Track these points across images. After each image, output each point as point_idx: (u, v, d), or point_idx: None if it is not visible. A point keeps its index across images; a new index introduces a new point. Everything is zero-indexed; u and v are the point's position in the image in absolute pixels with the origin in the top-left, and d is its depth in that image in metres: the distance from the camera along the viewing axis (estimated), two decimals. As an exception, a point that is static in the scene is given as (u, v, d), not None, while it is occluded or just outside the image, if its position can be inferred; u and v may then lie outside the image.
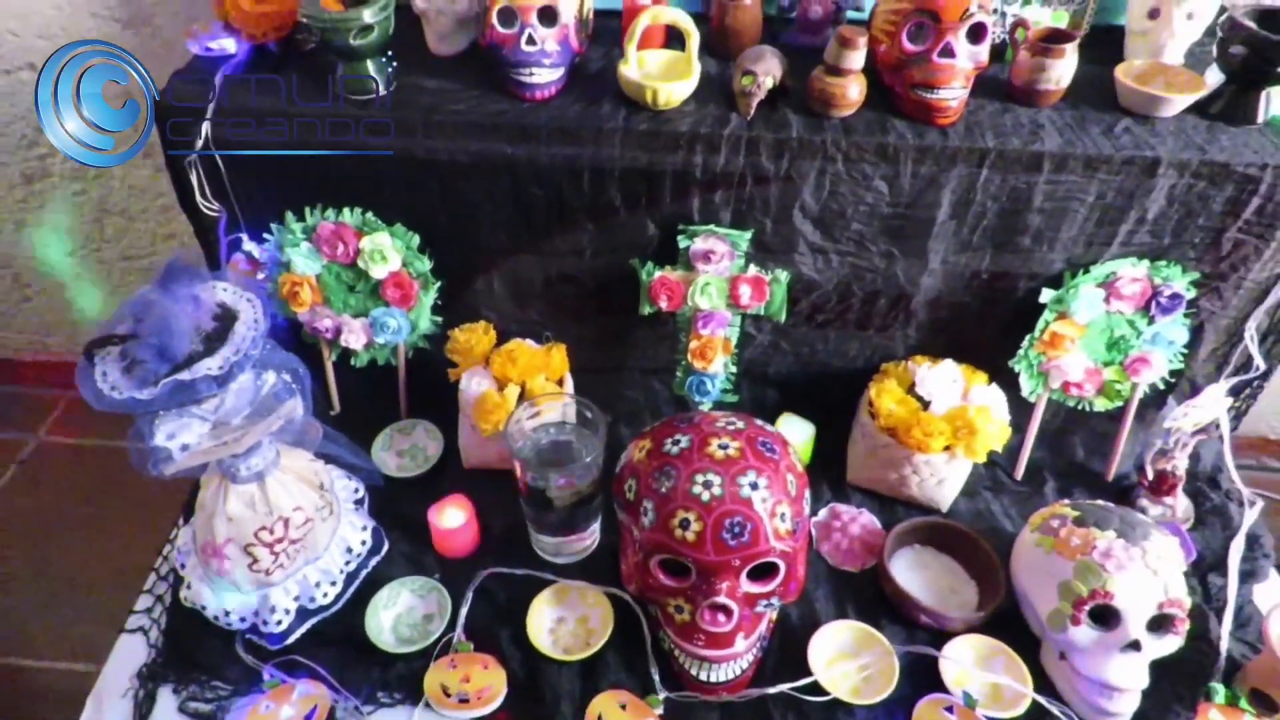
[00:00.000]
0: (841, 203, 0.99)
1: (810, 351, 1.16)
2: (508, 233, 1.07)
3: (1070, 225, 0.99)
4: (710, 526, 0.84)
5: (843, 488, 1.15)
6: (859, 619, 0.99)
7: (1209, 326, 1.07)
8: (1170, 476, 1.07)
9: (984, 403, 1.05)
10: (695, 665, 0.90)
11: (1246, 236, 0.99)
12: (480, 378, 1.09)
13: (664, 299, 1.06)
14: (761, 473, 0.87)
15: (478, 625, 0.97)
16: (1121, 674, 0.88)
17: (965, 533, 1.04)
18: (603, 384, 1.20)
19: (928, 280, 1.06)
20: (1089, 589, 0.88)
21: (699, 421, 0.93)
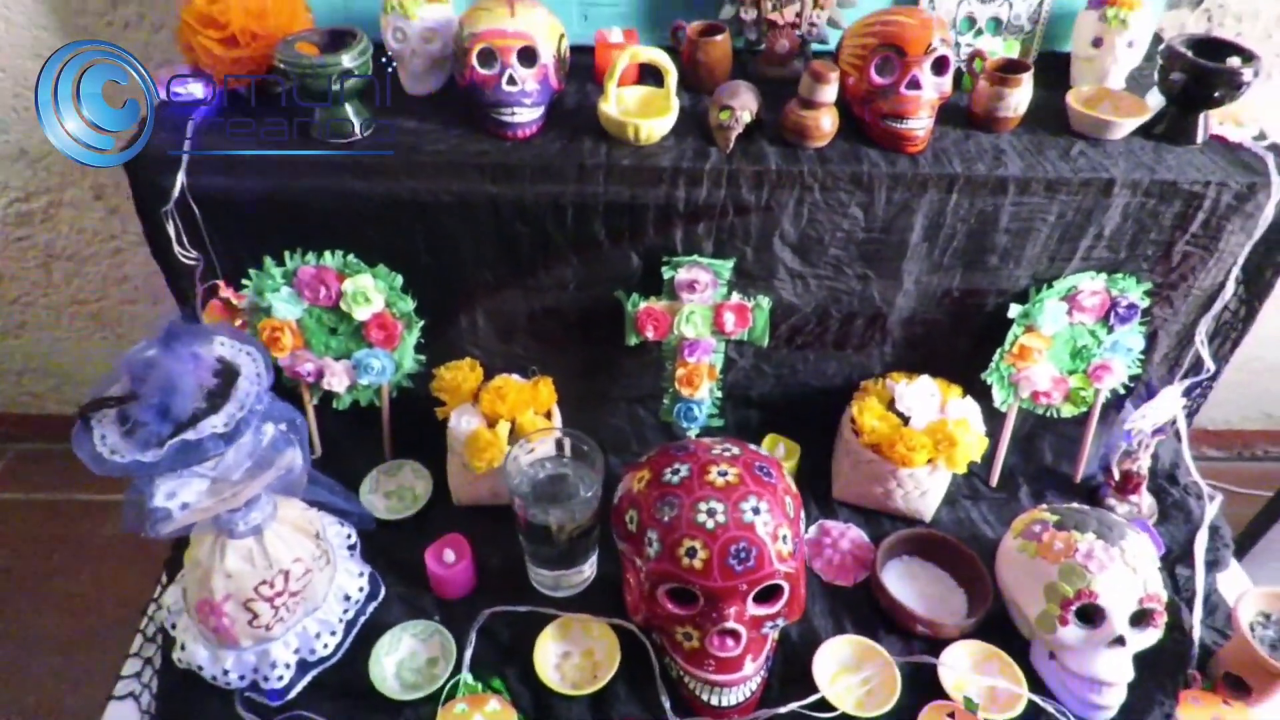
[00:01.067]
0: (819, 230, 1.03)
1: (791, 373, 1.19)
2: (491, 270, 1.07)
3: (1034, 243, 1.05)
4: (716, 554, 0.86)
5: (829, 504, 1.18)
6: (856, 632, 1.01)
7: (1162, 333, 1.14)
8: (1135, 475, 1.13)
9: (961, 415, 1.09)
10: (705, 690, 0.92)
11: (1193, 248, 1.06)
12: (469, 415, 1.09)
13: (650, 329, 1.07)
14: (761, 497, 0.89)
15: (484, 665, 0.97)
16: (1109, 669, 0.92)
17: (951, 542, 1.08)
18: (588, 414, 1.21)
19: (902, 300, 1.10)
20: (1074, 590, 0.93)
21: (695, 450, 0.95)
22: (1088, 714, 0.94)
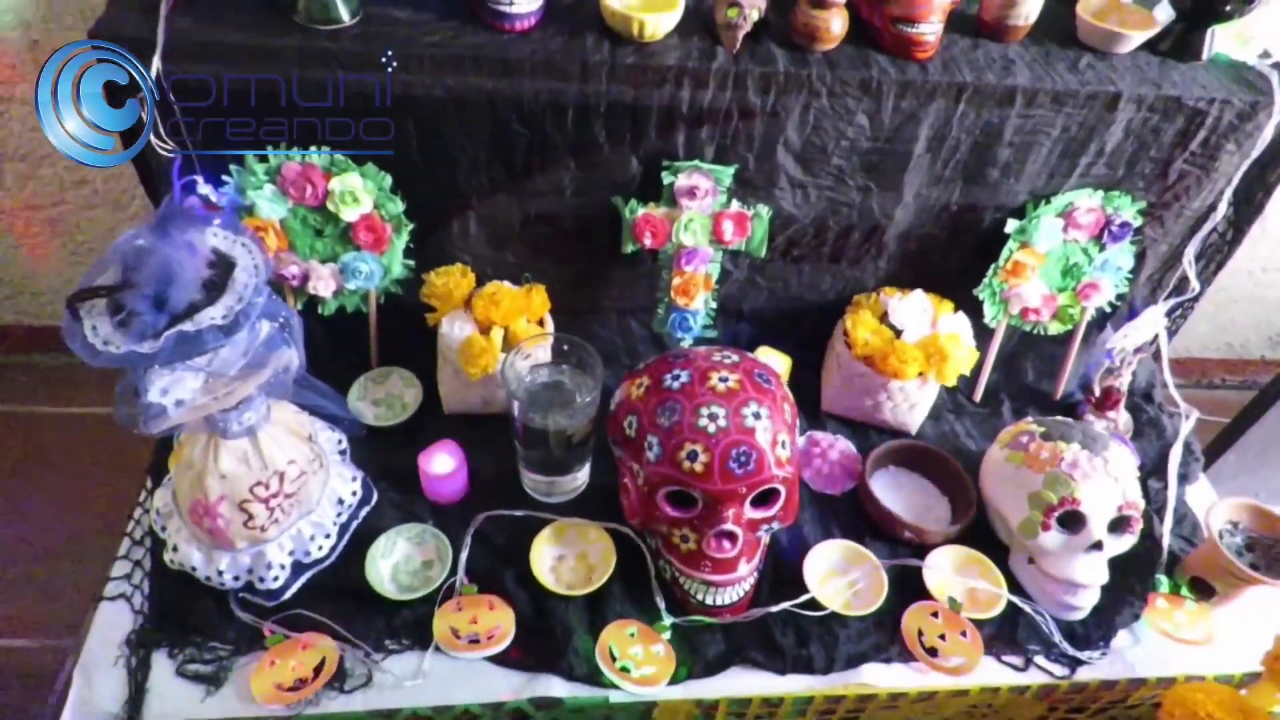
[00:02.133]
0: (824, 138, 1.01)
1: (784, 286, 1.18)
2: (486, 172, 1.04)
3: (1036, 158, 1.04)
4: (718, 457, 0.87)
5: (818, 416, 1.19)
6: (844, 538, 1.04)
7: (1150, 253, 1.16)
8: (1116, 392, 1.17)
9: (952, 330, 1.10)
10: (700, 590, 0.94)
11: (1191, 168, 1.06)
12: (462, 322, 1.07)
13: (648, 236, 1.06)
14: (762, 403, 0.89)
15: (479, 568, 0.97)
16: (1086, 572, 0.96)
17: (937, 453, 1.11)
18: (579, 325, 1.20)
19: (900, 213, 1.09)
20: (1058, 497, 0.96)
21: (693, 357, 0.95)
22: (1062, 614, 0.99)
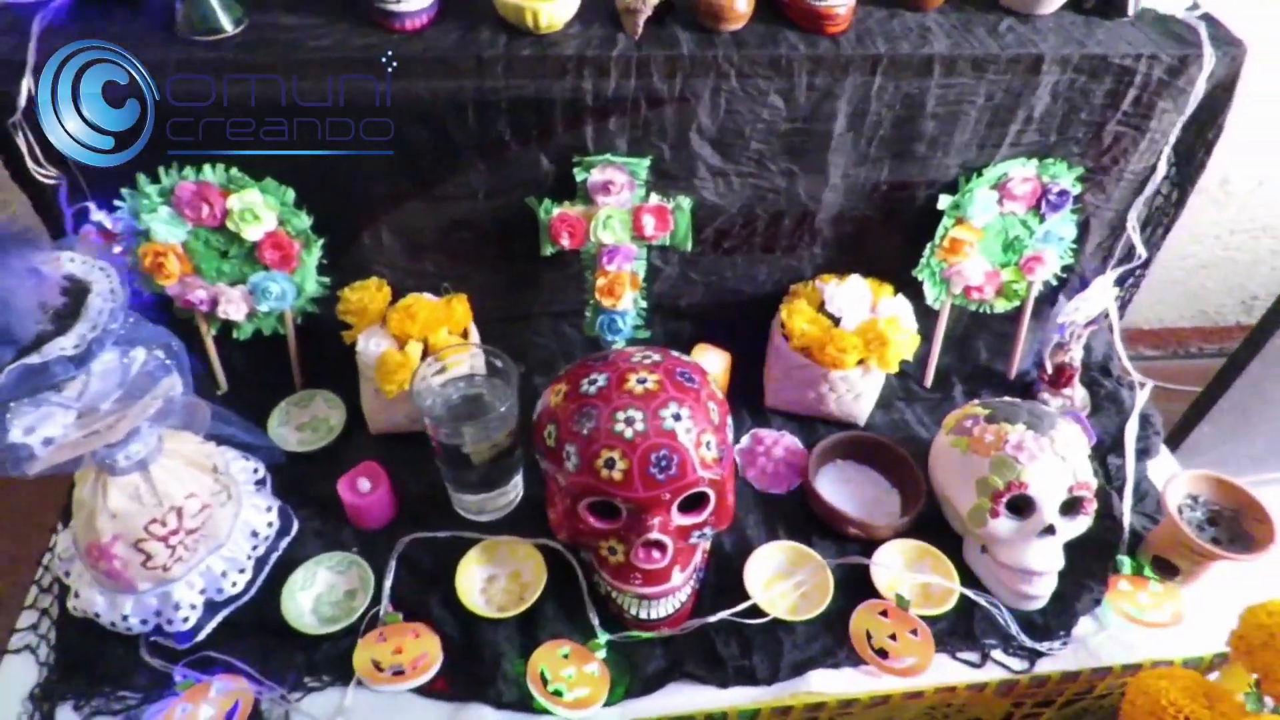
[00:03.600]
0: (739, 121, 0.97)
1: (720, 280, 1.14)
2: (391, 179, 0.99)
3: (963, 129, 1.00)
4: (636, 463, 0.82)
5: (762, 413, 1.15)
6: (790, 539, 0.99)
7: (1094, 220, 1.11)
8: (1068, 368, 1.12)
9: (892, 314, 1.06)
10: (634, 604, 0.89)
11: (1125, 129, 1.02)
12: (378, 337, 1.02)
13: (565, 237, 1.01)
14: (683, 403, 0.85)
15: (405, 594, 0.93)
16: (1039, 558, 0.92)
17: (884, 443, 1.06)
18: (512, 332, 1.16)
19: (829, 196, 1.05)
20: (1005, 482, 0.91)
21: (614, 359, 0.90)
22: (1019, 604, 0.94)
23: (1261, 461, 1.73)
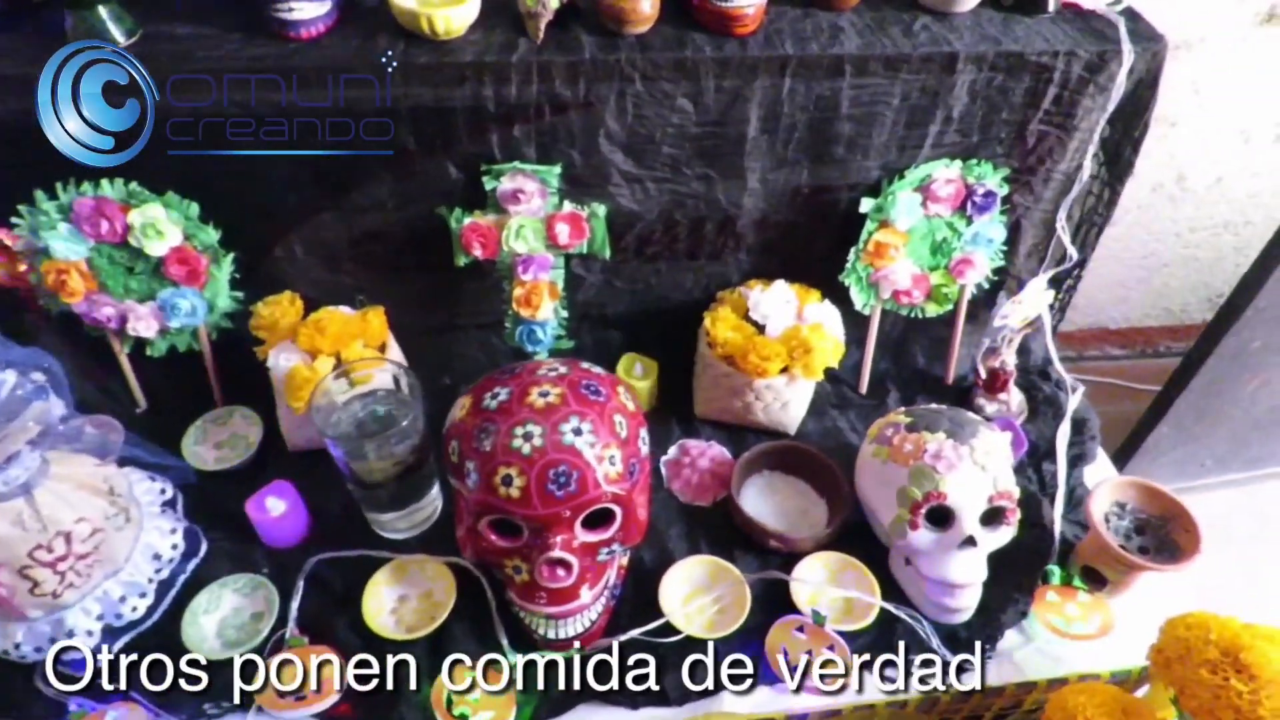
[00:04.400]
0: (648, 126, 0.94)
1: (645, 287, 1.12)
2: (298, 191, 0.97)
3: (881, 130, 0.98)
4: (534, 480, 0.80)
5: (692, 422, 1.12)
6: (712, 552, 0.97)
7: (1025, 222, 1.09)
8: (1001, 373, 1.09)
9: (817, 320, 1.03)
10: (541, 624, 0.87)
11: (1049, 128, 1.00)
12: (289, 353, 1.00)
13: (478, 247, 0.99)
14: (585, 417, 0.83)
15: (313, 616, 0.90)
16: (961, 570, 0.89)
17: (810, 452, 1.04)
18: (438, 345, 1.14)
19: (750, 201, 1.03)
20: (923, 492, 0.89)
21: (521, 372, 0.88)
22: (943, 617, 0.91)
23: (1225, 462, 1.70)
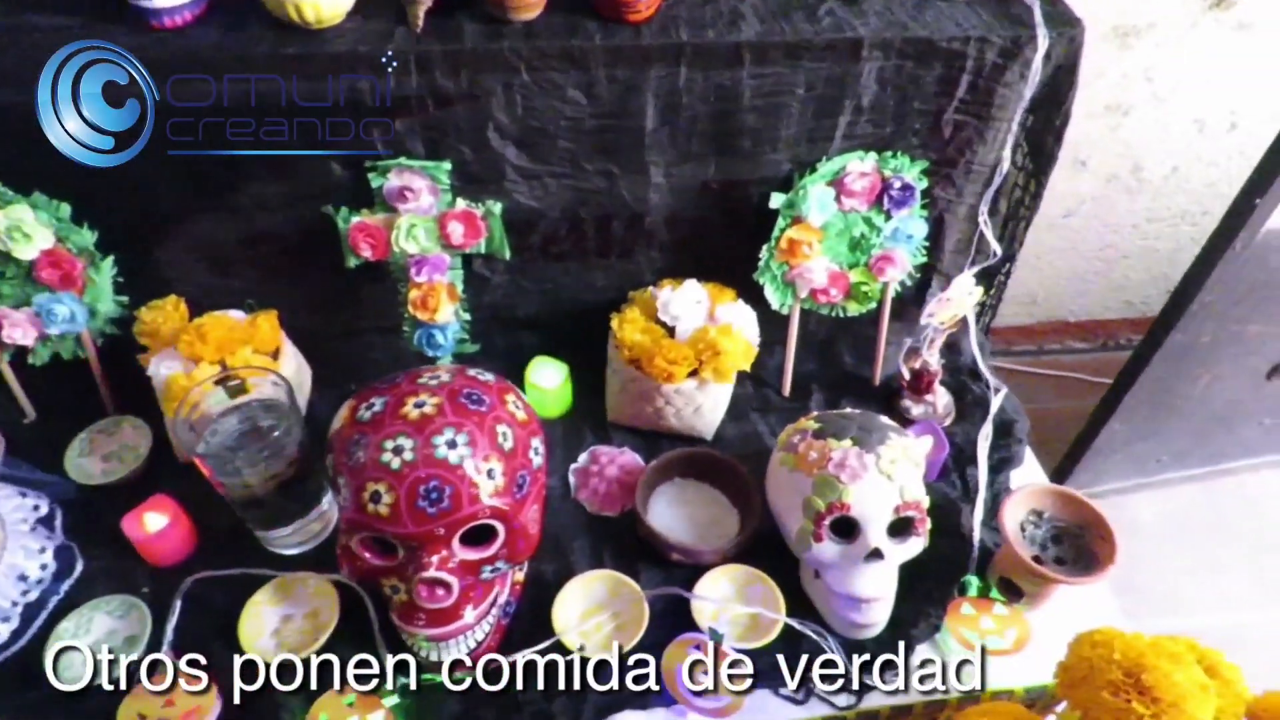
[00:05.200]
0: (540, 119, 0.90)
1: (555, 288, 1.07)
2: (174, 190, 0.92)
3: (788, 122, 0.93)
4: (404, 496, 0.75)
5: (605, 428, 1.08)
6: (616, 566, 0.93)
7: (948, 217, 1.04)
8: (926, 373, 1.05)
9: (728, 321, 0.99)
10: (425, 646, 0.82)
11: (966, 117, 0.95)
12: (170, 360, 0.95)
13: (367, 248, 0.94)
14: (462, 428, 0.78)
15: (191, 639, 0.86)
16: (867, 584, 0.85)
17: (722, 459, 0.99)
18: (344, 350, 1.09)
19: (656, 197, 0.98)
20: (826, 503, 0.84)
21: (400, 381, 0.83)
22: (852, 633, 0.87)
23: (1182, 458, 1.67)
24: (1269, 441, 1.67)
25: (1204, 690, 0.71)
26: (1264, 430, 1.63)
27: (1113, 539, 0.85)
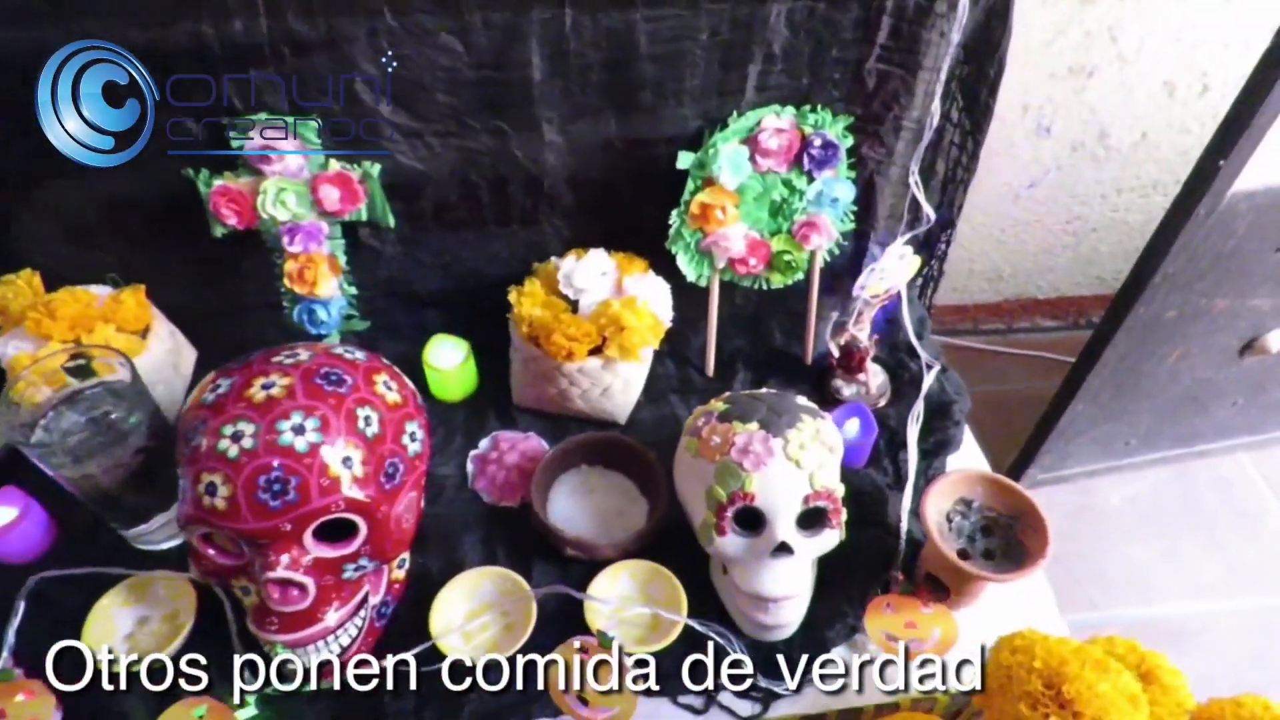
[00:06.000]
0: (414, 69, 0.81)
1: (454, 260, 0.98)
2: (16, 149, 0.83)
3: (692, 72, 0.84)
4: (241, 488, 0.67)
5: (510, 412, 0.99)
6: (510, 562, 0.85)
7: (879, 179, 0.95)
8: (855, 350, 0.97)
9: (635, 293, 0.90)
10: (281, 652, 0.74)
11: (889, 67, 0.86)
12: (19, 340, 0.87)
13: (231, 214, 0.86)
14: (313, 412, 0.70)
15: (36, 644, 0.78)
16: (775, 582, 0.77)
17: (629, 445, 0.91)
18: (227, 329, 1.01)
19: (553, 157, 0.89)
20: (728, 492, 0.76)
21: (255, 359, 0.75)
22: (761, 635, 0.80)
23: (1151, 440, 1.59)
24: (1242, 422, 1.59)
25: (1133, 701, 0.64)
26: (1237, 410, 1.56)
27: (1045, 531, 0.77)
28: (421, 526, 0.87)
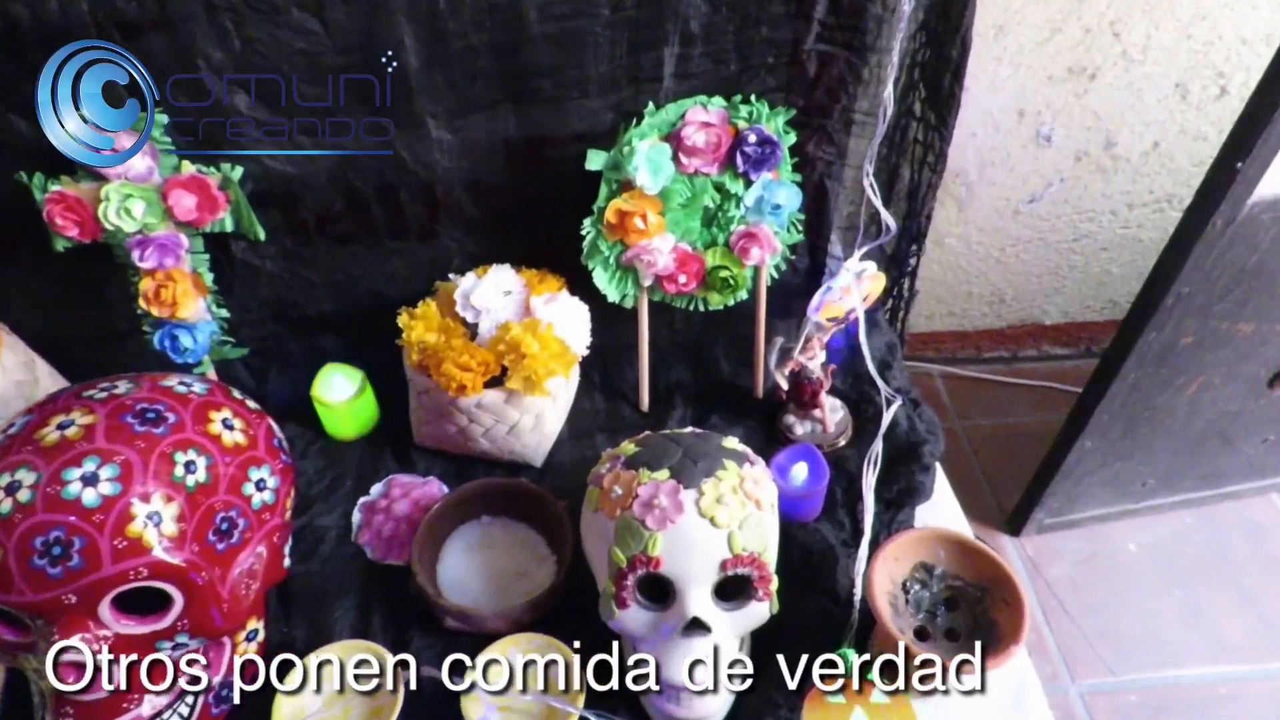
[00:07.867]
0: (268, 56, 0.69)
1: (347, 278, 0.86)
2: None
3: (595, 56, 0.72)
4: (13, 552, 0.55)
5: (409, 454, 0.87)
6: (386, 633, 0.72)
7: (831, 183, 0.82)
8: (807, 382, 0.83)
9: (541, 316, 0.78)
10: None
11: (832, 49, 0.73)
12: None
13: (71, 225, 0.74)
14: (111, 458, 0.58)
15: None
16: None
17: (535, 493, 0.78)
18: (97, 359, 0.89)
19: (443, 158, 0.77)
20: (628, 556, 0.63)
21: (67, 393, 0.63)
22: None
23: (1171, 481, 1.42)
24: (1274, 460, 1.42)
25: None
26: (1268, 447, 1.39)
27: (1021, 606, 0.63)
28: (286, 589, 0.75)
